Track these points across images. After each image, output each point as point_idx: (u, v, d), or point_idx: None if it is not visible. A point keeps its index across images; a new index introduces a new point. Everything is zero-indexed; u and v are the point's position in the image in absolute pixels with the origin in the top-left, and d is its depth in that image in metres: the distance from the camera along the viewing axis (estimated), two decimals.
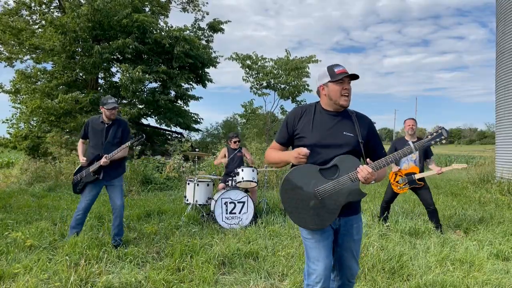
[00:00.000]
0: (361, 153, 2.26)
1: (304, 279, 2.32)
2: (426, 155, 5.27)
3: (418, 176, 5.12)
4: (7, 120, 15.68)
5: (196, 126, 17.86)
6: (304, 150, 2.16)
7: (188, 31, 15.67)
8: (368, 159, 2.21)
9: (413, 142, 2.21)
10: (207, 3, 21.43)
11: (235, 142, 6.44)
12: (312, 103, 2.42)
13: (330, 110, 2.32)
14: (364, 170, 2.11)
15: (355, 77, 2.27)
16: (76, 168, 4.51)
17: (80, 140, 4.62)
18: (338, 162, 2.18)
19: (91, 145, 4.42)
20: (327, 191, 2.17)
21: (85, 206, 4.37)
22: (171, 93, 15.46)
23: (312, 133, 2.26)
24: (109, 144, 4.35)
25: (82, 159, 4.41)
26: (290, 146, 2.43)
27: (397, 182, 5.26)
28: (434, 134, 2.22)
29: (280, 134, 2.42)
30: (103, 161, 4.22)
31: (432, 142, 2.22)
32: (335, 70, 2.27)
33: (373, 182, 2.18)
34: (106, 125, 4.41)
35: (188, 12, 18.25)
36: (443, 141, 2.23)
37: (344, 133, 2.24)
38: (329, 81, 2.26)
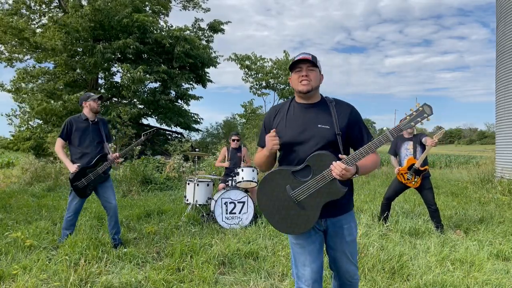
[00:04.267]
0: (339, 146, 2.07)
1: (295, 282, 2.26)
2: (423, 147, 5.22)
3: (417, 164, 5.03)
4: (7, 115, 15.70)
5: (196, 126, 17.90)
6: (271, 132, 2.06)
7: (188, 31, 15.68)
8: (340, 155, 2.00)
9: (389, 130, 1.94)
10: (206, 0, 21.47)
11: (234, 141, 6.49)
12: (288, 99, 2.28)
13: (303, 103, 2.17)
14: (337, 167, 1.93)
15: (311, 62, 2.08)
16: (71, 174, 4.11)
17: (61, 142, 4.19)
18: (310, 161, 2.03)
19: (77, 145, 4.16)
20: (303, 194, 2.05)
21: (77, 208, 4.26)
22: (171, 93, 15.49)
23: (285, 131, 2.12)
24: (102, 143, 4.28)
25: (75, 168, 4.04)
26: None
27: (407, 180, 5.22)
28: (414, 113, 1.89)
29: (260, 138, 2.30)
30: (117, 160, 4.20)
31: (412, 124, 1.91)
32: (295, 58, 2.13)
33: (356, 176, 2.01)
34: (91, 123, 4.26)
35: (188, 10, 18.27)
36: (427, 119, 1.91)
37: (319, 125, 2.07)
38: (291, 72, 2.16)
